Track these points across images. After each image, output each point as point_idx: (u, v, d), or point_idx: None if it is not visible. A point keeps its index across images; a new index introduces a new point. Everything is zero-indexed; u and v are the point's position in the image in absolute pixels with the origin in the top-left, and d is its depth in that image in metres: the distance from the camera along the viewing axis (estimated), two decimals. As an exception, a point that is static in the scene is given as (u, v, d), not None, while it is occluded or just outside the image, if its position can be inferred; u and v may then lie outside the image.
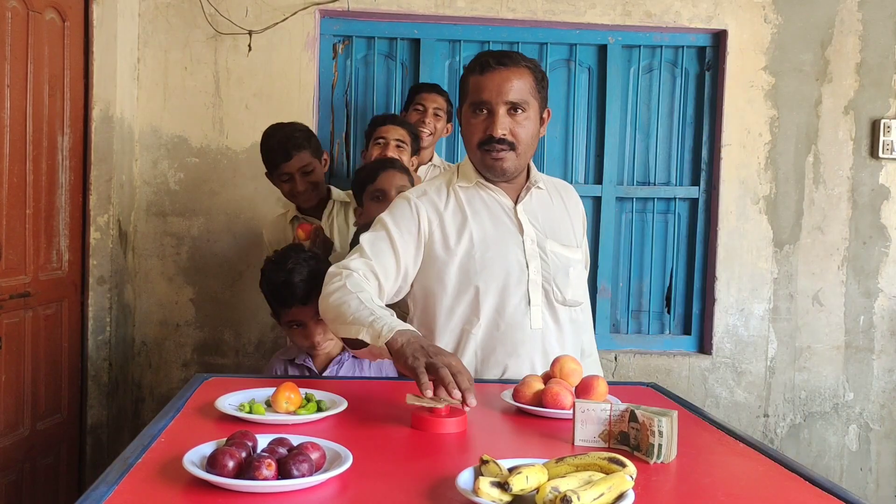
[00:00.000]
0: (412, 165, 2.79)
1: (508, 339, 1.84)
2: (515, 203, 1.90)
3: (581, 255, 1.98)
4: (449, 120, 3.04)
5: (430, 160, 3.05)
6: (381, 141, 2.67)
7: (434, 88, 3.00)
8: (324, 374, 1.97)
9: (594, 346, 2.12)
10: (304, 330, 1.93)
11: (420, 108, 2.94)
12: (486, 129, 1.81)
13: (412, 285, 1.90)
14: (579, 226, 2.03)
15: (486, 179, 1.89)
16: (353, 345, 1.65)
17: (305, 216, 2.66)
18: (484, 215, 1.89)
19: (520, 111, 1.80)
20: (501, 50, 1.90)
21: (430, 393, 1.42)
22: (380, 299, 1.78)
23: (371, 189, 2.33)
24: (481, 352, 1.86)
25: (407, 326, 1.58)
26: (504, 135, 1.80)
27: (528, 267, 1.86)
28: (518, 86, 1.80)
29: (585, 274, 2.03)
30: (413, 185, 2.35)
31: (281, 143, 2.53)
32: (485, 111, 1.81)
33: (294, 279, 1.92)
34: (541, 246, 1.88)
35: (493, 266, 1.84)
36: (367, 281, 1.77)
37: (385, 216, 1.88)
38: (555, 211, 1.96)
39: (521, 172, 1.91)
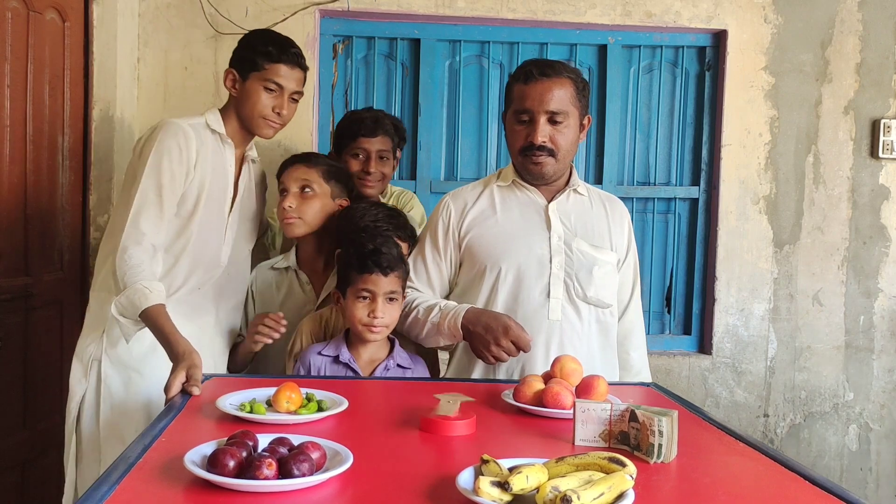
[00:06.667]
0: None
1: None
2: (549, 202, 2.01)
3: (613, 258, 2.04)
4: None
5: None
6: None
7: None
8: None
9: (645, 364, 2.17)
10: (371, 303, 1.88)
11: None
12: (528, 137, 1.92)
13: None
14: (622, 236, 2.08)
15: (524, 180, 2.01)
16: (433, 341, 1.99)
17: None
18: (514, 210, 2.00)
19: (560, 119, 1.91)
20: (545, 59, 2.02)
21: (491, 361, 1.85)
22: (441, 295, 2.08)
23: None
24: None
25: (455, 306, 1.93)
26: (544, 142, 1.91)
27: (551, 261, 1.95)
28: (559, 95, 1.90)
29: (617, 279, 2.07)
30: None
31: (373, 118, 2.49)
32: (527, 119, 1.92)
33: (383, 249, 1.91)
34: (567, 243, 1.97)
35: (514, 255, 1.95)
36: (423, 294, 2.04)
37: (425, 230, 2.13)
38: (593, 215, 2.04)
39: (562, 176, 2.02)
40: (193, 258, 2.06)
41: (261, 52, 2.06)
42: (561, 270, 1.94)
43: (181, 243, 2.04)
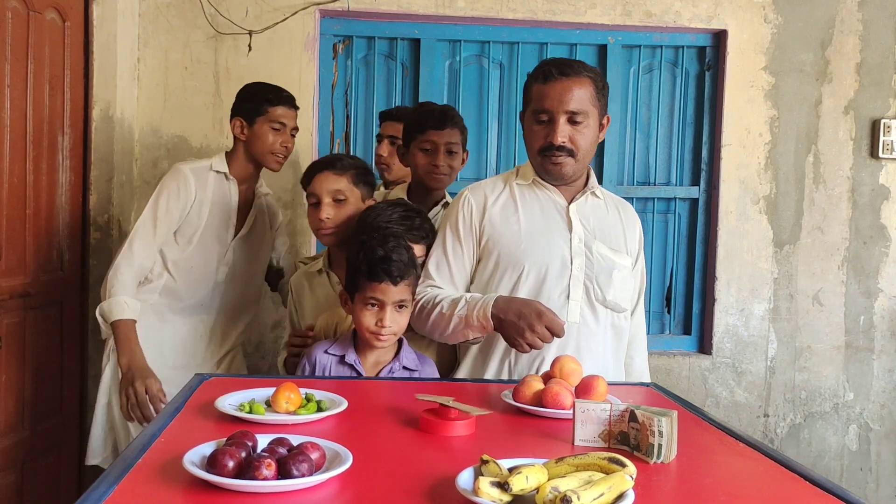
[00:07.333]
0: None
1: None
2: (569, 203, 1.98)
3: (629, 262, 2.03)
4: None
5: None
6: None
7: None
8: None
9: (646, 368, 2.17)
10: (379, 311, 1.85)
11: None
12: (547, 137, 1.90)
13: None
14: (634, 241, 2.08)
15: (544, 179, 1.98)
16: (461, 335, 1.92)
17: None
18: (535, 209, 1.98)
19: (579, 119, 1.88)
20: (564, 59, 1.99)
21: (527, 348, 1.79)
22: (464, 289, 2.01)
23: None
24: None
25: (482, 296, 1.88)
26: (564, 142, 1.88)
27: (571, 263, 1.93)
28: (578, 95, 1.88)
29: (632, 284, 2.06)
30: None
31: (441, 111, 2.43)
32: (546, 119, 1.89)
33: (394, 256, 1.86)
34: (587, 245, 1.95)
35: (536, 254, 1.92)
36: (444, 290, 1.98)
37: (443, 224, 2.05)
38: (609, 219, 2.03)
39: (580, 176, 2.00)
40: (197, 276, 2.44)
41: (262, 99, 2.41)
42: (581, 272, 1.92)
43: (186, 263, 2.41)
